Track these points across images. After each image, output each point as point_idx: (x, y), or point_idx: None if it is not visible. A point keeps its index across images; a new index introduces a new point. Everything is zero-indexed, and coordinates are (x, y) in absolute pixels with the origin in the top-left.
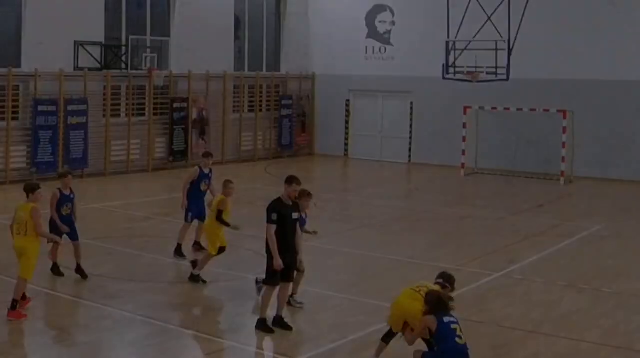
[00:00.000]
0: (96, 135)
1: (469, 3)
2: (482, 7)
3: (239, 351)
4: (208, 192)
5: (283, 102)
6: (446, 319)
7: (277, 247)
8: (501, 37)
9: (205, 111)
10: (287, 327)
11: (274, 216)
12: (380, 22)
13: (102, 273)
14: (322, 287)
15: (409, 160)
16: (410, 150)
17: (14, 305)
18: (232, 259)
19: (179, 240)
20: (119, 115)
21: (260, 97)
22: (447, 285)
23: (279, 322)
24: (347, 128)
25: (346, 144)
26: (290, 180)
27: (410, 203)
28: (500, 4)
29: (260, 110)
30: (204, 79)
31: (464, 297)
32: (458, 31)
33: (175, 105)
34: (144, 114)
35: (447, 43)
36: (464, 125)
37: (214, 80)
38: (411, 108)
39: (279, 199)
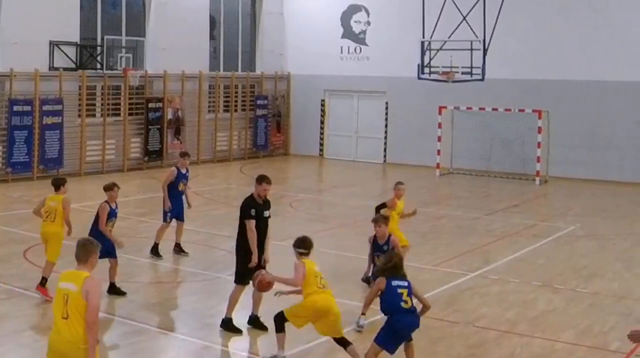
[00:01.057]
0: (71, 135)
1: (444, 3)
2: (457, 7)
3: (214, 351)
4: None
5: (258, 102)
6: (394, 283)
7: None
8: (476, 37)
9: (181, 111)
10: (263, 327)
11: (252, 211)
12: (355, 22)
13: None
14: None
15: (384, 160)
16: (385, 150)
17: (42, 282)
18: (207, 259)
19: (156, 240)
20: (94, 115)
21: (236, 97)
22: None
23: (255, 321)
24: (322, 128)
25: (321, 144)
26: (261, 179)
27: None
28: (475, 4)
29: (236, 110)
30: (179, 79)
31: (439, 296)
32: (433, 31)
33: (150, 105)
34: (119, 114)
35: (423, 43)
36: (439, 125)
37: (189, 80)
38: (386, 108)
39: (251, 197)
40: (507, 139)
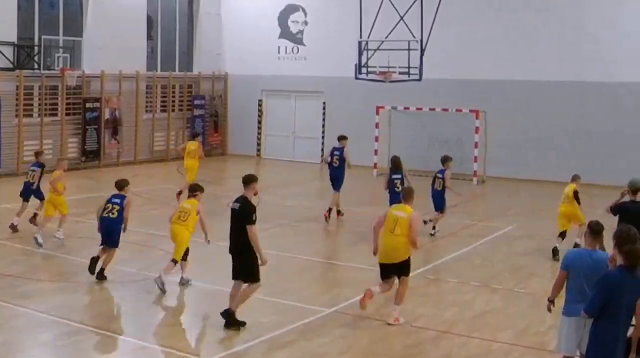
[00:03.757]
0: (8, 135)
1: (381, 3)
2: (395, 7)
3: (151, 351)
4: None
5: (195, 102)
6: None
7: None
8: (414, 37)
9: (118, 111)
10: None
11: (255, 217)
12: (292, 22)
13: (15, 273)
14: None
15: (322, 161)
16: (322, 150)
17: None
18: (145, 259)
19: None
20: (31, 115)
21: (173, 97)
22: None
23: (232, 316)
24: (259, 128)
25: (259, 144)
26: (251, 178)
27: (324, 203)
28: (413, 4)
29: (173, 110)
30: (117, 79)
31: (377, 297)
32: (370, 31)
33: (87, 105)
34: (56, 114)
35: (360, 43)
36: (377, 125)
37: (126, 80)
38: (324, 108)
39: (249, 200)
40: (445, 139)
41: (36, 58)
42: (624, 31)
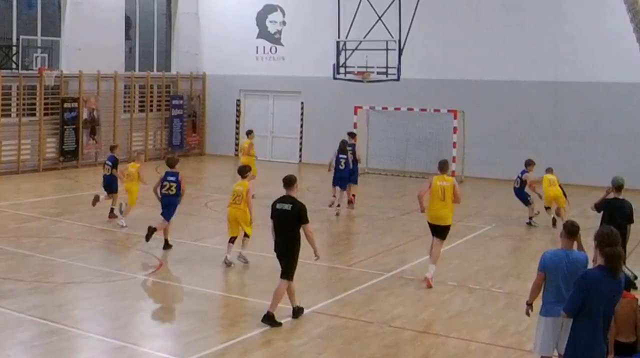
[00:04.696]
0: None
1: (359, 3)
2: (373, 7)
3: (129, 351)
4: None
5: (174, 102)
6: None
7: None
8: (392, 37)
9: (96, 111)
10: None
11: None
12: (270, 22)
13: None
14: (213, 287)
15: (300, 160)
16: (301, 150)
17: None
18: (123, 259)
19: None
20: (9, 115)
21: (151, 97)
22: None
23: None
24: (237, 128)
25: (237, 144)
26: (295, 178)
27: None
28: (391, 4)
29: (151, 110)
30: (95, 79)
31: (355, 297)
32: (349, 31)
33: (66, 105)
34: (34, 114)
35: (338, 43)
36: (355, 125)
37: (104, 80)
38: (302, 108)
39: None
40: (423, 139)
41: (14, 58)
42: (600, 31)
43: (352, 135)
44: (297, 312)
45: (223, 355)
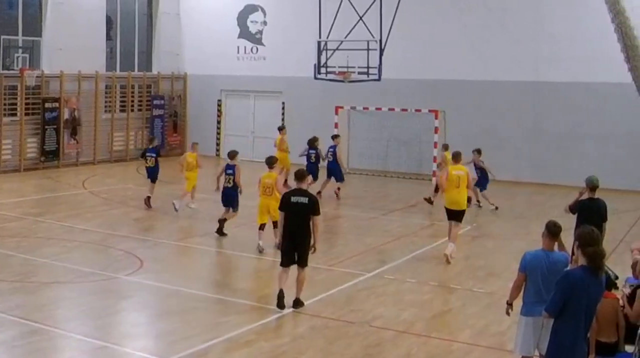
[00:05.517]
0: None
1: (340, 3)
2: (354, 7)
3: (111, 351)
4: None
5: (155, 102)
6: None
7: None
8: (373, 37)
9: (77, 111)
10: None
11: None
12: (252, 22)
13: None
14: (194, 287)
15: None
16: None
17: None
18: (104, 259)
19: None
20: None
21: (132, 97)
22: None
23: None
24: (219, 128)
25: (218, 144)
26: (306, 172)
27: None
28: (372, 4)
29: (132, 110)
30: (76, 79)
31: (336, 296)
32: (330, 31)
33: (47, 105)
34: (15, 114)
35: (319, 43)
36: (336, 125)
37: (85, 80)
38: (283, 108)
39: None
40: (404, 139)
41: None
42: (581, 31)
43: (335, 137)
44: (298, 303)
45: (205, 355)
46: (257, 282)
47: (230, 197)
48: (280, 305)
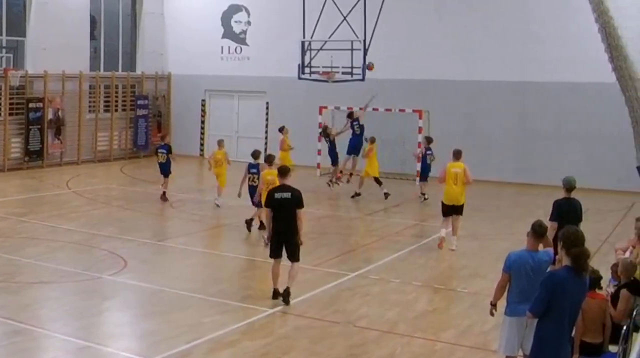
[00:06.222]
0: None
1: (324, 3)
2: (338, 8)
3: (95, 351)
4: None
5: (139, 102)
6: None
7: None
8: (357, 37)
9: (61, 111)
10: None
11: None
12: (236, 22)
13: None
14: (178, 287)
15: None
16: (266, 150)
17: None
18: (88, 259)
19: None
20: None
21: (116, 97)
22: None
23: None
24: (202, 128)
25: (202, 144)
26: (289, 168)
27: None
28: (356, 4)
29: (116, 110)
30: (60, 79)
31: (320, 297)
32: (314, 31)
33: (31, 105)
34: None
35: (303, 43)
36: (320, 125)
37: (69, 81)
38: (267, 108)
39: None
40: (388, 139)
41: None
42: (566, 31)
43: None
44: (287, 294)
45: (189, 355)
46: (241, 282)
47: (257, 195)
48: (275, 297)
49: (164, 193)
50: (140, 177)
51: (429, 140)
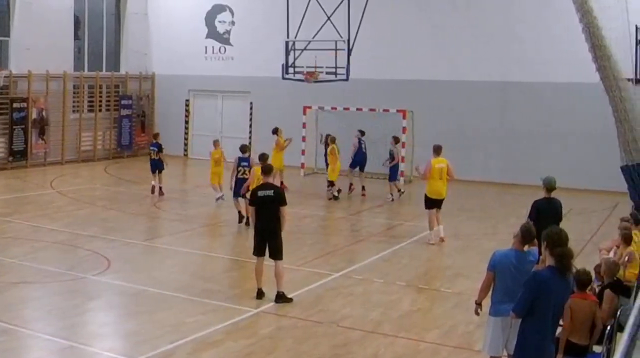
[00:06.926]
0: None
1: (308, 3)
2: (322, 8)
3: (78, 351)
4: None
5: (123, 102)
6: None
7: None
8: (341, 37)
9: (45, 111)
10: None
11: None
12: (220, 22)
13: None
14: (161, 287)
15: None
16: (250, 150)
17: None
18: (72, 259)
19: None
20: None
21: (100, 97)
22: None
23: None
24: (186, 128)
25: (186, 144)
26: (272, 167)
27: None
28: (340, 4)
29: (100, 110)
30: (44, 79)
31: (304, 297)
32: (298, 31)
33: (15, 105)
34: None
35: (287, 43)
36: (304, 126)
37: (53, 80)
38: (251, 108)
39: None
40: (372, 139)
41: None
42: (549, 31)
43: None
44: (281, 297)
45: (172, 355)
46: (224, 282)
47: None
48: (259, 296)
49: (160, 188)
50: (124, 177)
51: (396, 139)
